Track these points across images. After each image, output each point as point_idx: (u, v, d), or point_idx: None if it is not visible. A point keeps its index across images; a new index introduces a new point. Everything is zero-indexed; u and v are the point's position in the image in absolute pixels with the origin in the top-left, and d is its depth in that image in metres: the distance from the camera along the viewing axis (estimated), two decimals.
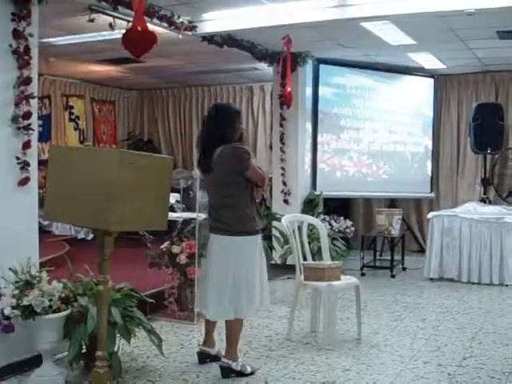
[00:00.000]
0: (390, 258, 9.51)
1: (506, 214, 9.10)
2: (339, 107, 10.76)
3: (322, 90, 10.52)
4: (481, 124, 10.48)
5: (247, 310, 4.87)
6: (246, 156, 4.77)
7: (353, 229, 10.07)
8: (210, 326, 5.21)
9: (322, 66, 10.46)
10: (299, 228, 6.43)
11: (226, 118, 4.90)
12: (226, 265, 4.82)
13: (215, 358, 5.09)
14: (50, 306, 4.45)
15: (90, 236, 10.49)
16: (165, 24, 7.29)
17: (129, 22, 5.97)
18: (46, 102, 12.17)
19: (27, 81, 5.17)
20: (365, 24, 7.88)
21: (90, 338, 4.46)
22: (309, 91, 10.34)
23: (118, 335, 4.67)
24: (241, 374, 4.87)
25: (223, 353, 5.00)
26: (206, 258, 5.05)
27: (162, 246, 6.74)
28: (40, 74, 6.15)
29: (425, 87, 11.46)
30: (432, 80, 11.48)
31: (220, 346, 5.21)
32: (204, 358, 5.18)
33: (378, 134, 11.14)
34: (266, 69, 10.53)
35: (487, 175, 10.96)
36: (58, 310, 4.52)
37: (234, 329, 4.91)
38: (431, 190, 11.59)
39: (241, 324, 4.96)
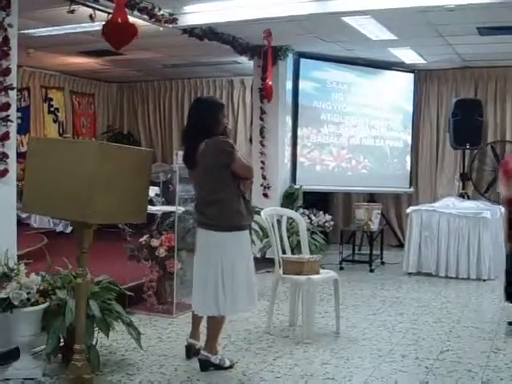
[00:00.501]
0: (368, 252, 9.55)
1: (484, 209, 9.16)
2: (319, 101, 10.77)
3: (302, 84, 10.53)
4: (460, 120, 10.54)
5: (230, 307, 4.81)
6: (230, 149, 4.72)
7: (332, 223, 10.10)
8: (196, 318, 5.17)
9: (302, 60, 10.48)
10: (278, 222, 6.44)
11: (210, 111, 4.84)
12: (212, 260, 4.77)
13: (198, 352, 5.06)
14: (28, 299, 4.43)
15: (69, 229, 10.44)
16: (145, 16, 7.27)
17: (109, 13, 5.93)
18: (24, 93, 12.09)
19: (6, 72, 5.14)
20: (346, 18, 7.90)
21: (68, 331, 4.44)
22: (289, 85, 10.36)
23: (97, 328, 4.65)
24: (219, 367, 4.85)
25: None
26: (195, 252, 5.00)
27: (141, 239, 6.72)
28: (19, 66, 6.10)
29: (405, 82, 11.50)
30: (412, 75, 11.52)
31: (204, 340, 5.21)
32: (190, 350, 5.14)
33: (357, 128, 11.17)
34: (246, 62, 10.52)
35: (466, 170, 11.04)
36: (36, 303, 4.50)
37: (215, 324, 4.89)
38: (410, 185, 11.65)
39: (222, 319, 4.93)
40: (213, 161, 4.71)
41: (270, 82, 9.05)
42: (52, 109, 12.89)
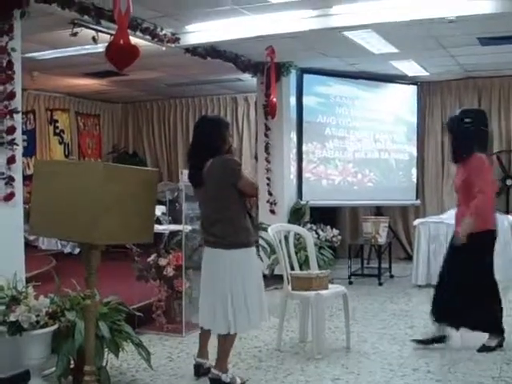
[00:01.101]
0: (377, 265, 9.52)
1: None
2: (324, 116, 10.79)
3: (306, 100, 10.55)
4: None
5: (243, 324, 4.80)
6: (237, 167, 4.76)
7: (339, 237, 10.08)
8: (203, 336, 5.16)
9: (305, 76, 10.50)
10: (286, 238, 6.43)
11: (215, 130, 4.85)
12: (220, 278, 4.76)
13: (208, 370, 5.03)
14: (37, 322, 4.43)
15: (77, 250, 10.43)
16: (148, 36, 7.31)
17: (112, 35, 5.96)
18: (30, 116, 12.16)
19: (11, 96, 5.17)
20: (347, 33, 7.93)
21: (78, 352, 4.43)
22: (293, 101, 10.37)
23: (106, 349, 4.65)
24: None
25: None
26: (202, 270, 4.99)
27: (148, 259, 6.72)
28: (23, 89, 6.13)
29: (408, 94, 11.52)
30: (415, 87, 11.54)
31: (213, 358, 5.19)
32: (199, 369, 5.13)
33: (362, 142, 11.17)
34: (249, 79, 10.56)
35: None
36: (46, 326, 4.49)
37: (226, 342, 4.86)
38: (417, 197, 11.62)
39: (233, 337, 4.90)
40: (219, 179, 4.72)
41: (274, 99, 9.06)
42: (57, 131, 12.94)
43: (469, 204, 5.60)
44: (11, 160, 5.14)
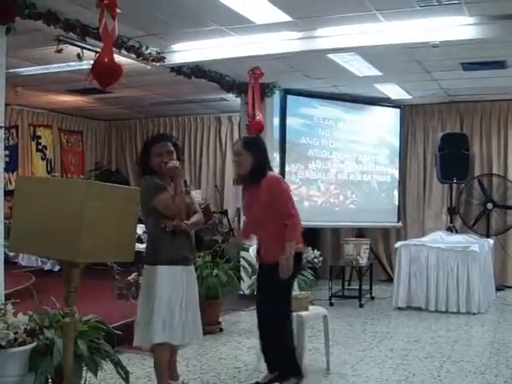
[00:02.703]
0: (358, 287, 9.53)
1: (472, 242, 9.19)
2: (307, 137, 10.83)
3: (289, 121, 10.59)
4: (446, 154, 10.63)
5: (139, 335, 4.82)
6: (146, 189, 4.75)
7: (321, 259, 10.05)
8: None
9: (289, 97, 10.55)
10: None
11: (142, 149, 5.09)
12: (142, 292, 4.92)
13: None
14: (16, 339, 4.38)
15: (57, 267, 10.37)
16: (133, 55, 7.34)
17: (97, 52, 5.97)
18: (13, 131, 12.10)
19: None
20: (331, 55, 7.99)
21: (56, 371, 4.38)
22: (276, 121, 10.40)
23: (85, 368, 4.60)
24: None
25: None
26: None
27: (129, 278, 6.69)
28: (7, 104, 6.11)
29: (391, 117, 11.60)
30: (398, 110, 11.61)
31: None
32: None
33: (345, 163, 11.22)
34: (233, 99, 10.58)
35: (453, 204, 11.08)
36: (24, 343, 4.44)
37: (155, 359, 4.88)
38: (398, 220, 11.67)
39: (159, 352, 4.83)
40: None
41: (259, 117, 8.88)
42: (40, 146, 12.90)
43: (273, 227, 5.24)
44: None
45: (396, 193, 11.68)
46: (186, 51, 7.80)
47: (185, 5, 6.19)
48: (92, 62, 5.54)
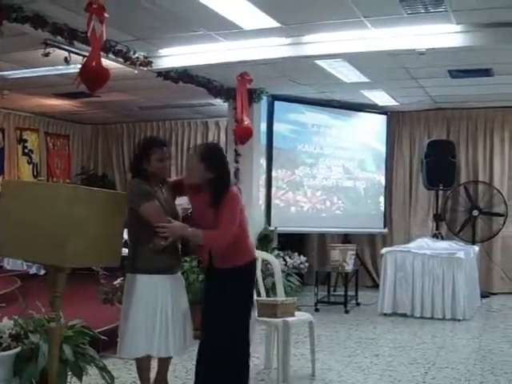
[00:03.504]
0: (343, 293, 9.54)
1: (457, 249, 9.23)
2: (294, 143, 10.84)
3: (276, 126, 10.60)
4: (433, 160, 10.68)
5: (121, 347, 4.71)
6: (134, 194, 4.54)
7: (307, 264, 10.08)
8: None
9: (276, 103, 10.57)
10: None
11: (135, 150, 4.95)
12: (123, 301, 4.78)
13: None
14: (0, 344, 4.36)
15: (42, 271, 10.32)
16: (120, 59, 7.33)
17: (84, 56, 5.96)
18: None
19: None
20: (319, 62, 8.02)
21: (41, 375, 4.35)
22: (263, 127, 10.41)
23: (70, 373, 4.58)
24: None
25: None
26: None
27: (115, 282, 6.67)
28: None
29: (378, 124, 11.64)
30: (385, 117, 11.66)
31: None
32: None
33: (331, 169, 11.25)
34: (221, 104, 10.59)
35: (439, 211, 11.13)
36: (8, 348, 4.41)
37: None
38: (384, 226, 11.70)
39: (138, 363, 4.78)
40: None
41: (247, 123, 8.69)
42: (26, 150, 12.85)
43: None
44: None
45: (382, 199, 11.71)
46: (174, 56, 7.79)
47: (173, 10, 6.19)
48: (79, 65, 5.53)
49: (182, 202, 5.18)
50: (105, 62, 5.72)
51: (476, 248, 10.07)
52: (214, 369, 4.58)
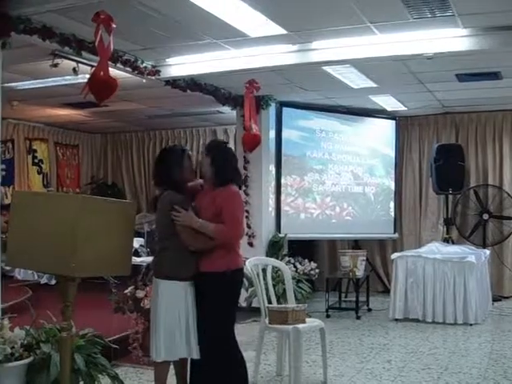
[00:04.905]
0: (355, 299, 9.52)
1: (468, 253, 9.20)
2: (303, 149, 10.83)
3: (285, 133, 10.59)
4: (442, 165, 10.66)
5: (154, 351, 4.72)
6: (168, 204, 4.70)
7: (317, 271, 10.07)
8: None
9: (285, 109, 10.56)
10: (264, 271, 6.43)
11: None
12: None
13: None
14: (12, 354, 4.38)
15: (53, 281, 10.35)
16: (128, 68, 7.36)
17: (92, 66, 5.99)
18: (9, 145, 12.12)
19: None
20: (326, 68, 8.02)
21: None
22: (272, 134, 10.42)
23: (82, 382, 4.60)
24: None
25: None
26: None
27: (126, 291, 6.68)
28: (3, 118, 6.12)
29: (386, 129, 11.63)
30: (393, 122, 11.64)
31: None
32: None
33: (341, 175, 11.23)
34: (229, 112, 10.61)
35: (449, 215, 11.10)
36: (21, 358, 4.44)
37: (154, 374, 4.87)
38: (395, 231, 11.67)
39: (157, 368, 4.80)
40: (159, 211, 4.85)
41: (255, 130, 8.63)
42: (36, 160, 12.91)
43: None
44: None
45: (392, 204, 11.68)
46: (182, 64, 7.81)
47: (180, 19, 6.21)
48: (87, 76, 5.56)
49: None
50: (113, 71, 5.74)
51: (487, 252, 10.03)
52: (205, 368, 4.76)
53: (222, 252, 4.74)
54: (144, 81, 7.84)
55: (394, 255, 9.43)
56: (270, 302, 6.24)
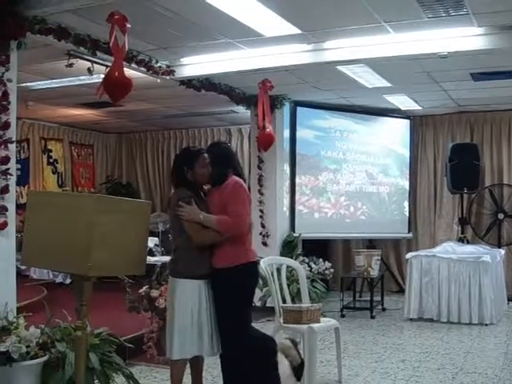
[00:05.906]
0: (369, 298, 9.51)
1: (483, 253, 9.15)
2: (317, 149, 10.83)
3: (299, 133, 10.60)
4: (457, 164, 10.61)
5: (168, 349, 4.73)
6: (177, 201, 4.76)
7: (332, 270, 10.07)
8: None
9: (299, 109, 10.56)
10: (278, 270, 6.42)
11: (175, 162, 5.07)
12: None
13: None
14: (28, 353, 4.40)
15: (68, 280, 10.40)
16: (143, 68, 7.38)
17: (107, 66, 6.01)
18: (24, 145, 12.17)
19: (6, 126, 5.19)
20: (341, 67, 8.00)
21: None
22: (286, 133, 10.41)
23: (97, 381, 4.62)
24: None
25: None
26: None
27: (140, 290, 6.69)
28: (18, 118, 6.16)
29: (401, 128, 11.60)
30: (408, 121, 11.62)
31: None
32: None
33: (355, 175, 11.22)
34: (243, 111, 10.62)
35: (464, 215, 11.06)
36: (36, 357, 4.46)
37: (170, 372, 4.86)
38: (409, 230, 11.65)
39: (173, 366, 4.79)
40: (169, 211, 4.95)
41: (269, 130, 8.70)
42: (51, 160, 12.95)
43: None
44: (5, 190, 5.15)
45: (406, 203, 11.66)
46: (196, 64, 7.83)
47: (194, 19, 6.22)
48: (102, 76, 5.58)
49: None
50: (127, 71, 5.76)
51: (502, 251, 9.99)
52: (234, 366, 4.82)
53: (229, 247, 4.74)
54: (158, 81, 7.86)
55: (409, 255, 9.41)
56: (284, 301, 6.24)
